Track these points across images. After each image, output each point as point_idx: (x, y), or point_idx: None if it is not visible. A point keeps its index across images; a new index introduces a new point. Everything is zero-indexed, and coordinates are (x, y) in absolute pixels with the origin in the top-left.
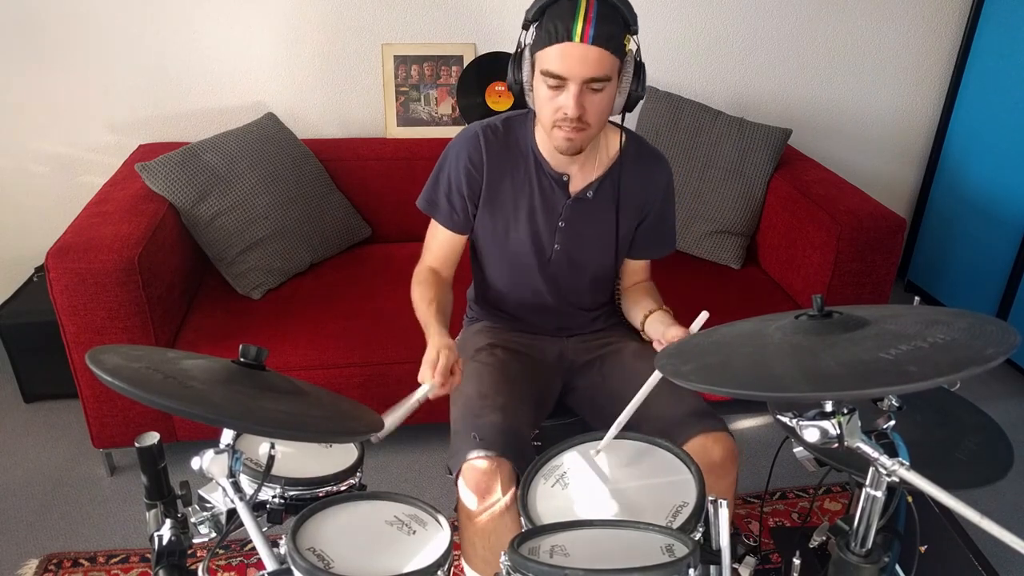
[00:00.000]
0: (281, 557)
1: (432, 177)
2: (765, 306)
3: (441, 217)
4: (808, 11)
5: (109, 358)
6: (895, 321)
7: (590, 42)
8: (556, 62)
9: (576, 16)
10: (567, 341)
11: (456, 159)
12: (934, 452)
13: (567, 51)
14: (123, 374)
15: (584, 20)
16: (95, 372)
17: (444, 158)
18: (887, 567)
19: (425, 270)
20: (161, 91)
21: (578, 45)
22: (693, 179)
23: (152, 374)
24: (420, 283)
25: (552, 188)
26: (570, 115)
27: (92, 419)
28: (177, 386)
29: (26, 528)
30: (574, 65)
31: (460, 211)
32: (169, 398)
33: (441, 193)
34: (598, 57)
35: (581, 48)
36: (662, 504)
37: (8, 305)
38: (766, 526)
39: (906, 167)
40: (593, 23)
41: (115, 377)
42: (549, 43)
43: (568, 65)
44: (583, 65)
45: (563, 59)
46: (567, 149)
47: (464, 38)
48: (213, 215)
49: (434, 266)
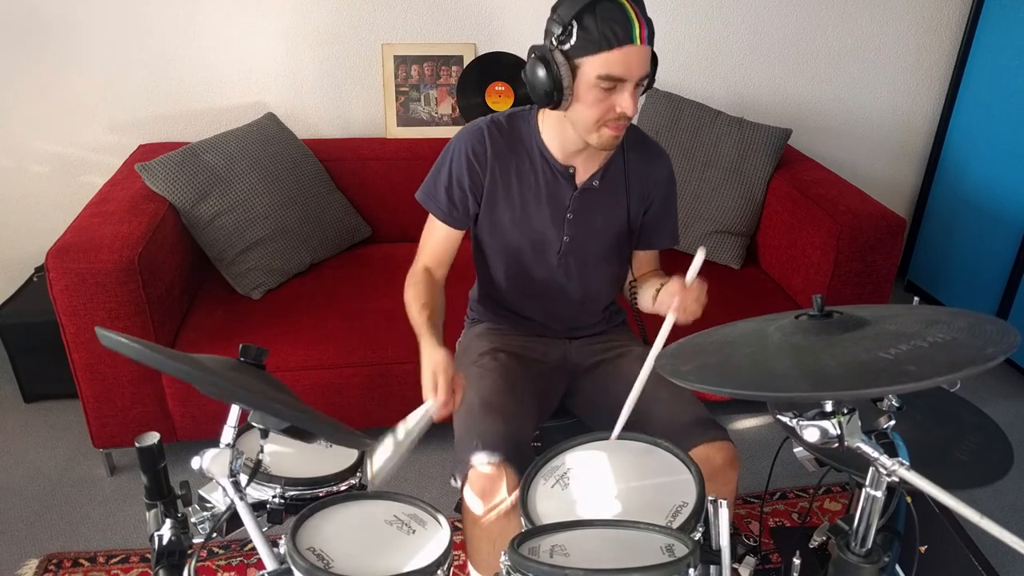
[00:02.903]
0: (281, 557)
1: (433, 170)
2: (765, 306)
3: (439, 211)
4: (808, 11)
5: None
6: (895, 321)
7: (647, 42)
8: (618, 66)
9: (630, 19)
10: (571, 344)
11: (459, 152)
12: (934, 452)
13: (630, 54)
14: (131, 348)
15: (639, 22)
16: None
17: (447, 151)
18: (887, 567)
19: (420, 271)
20: (161, 91)
21: (639, 48)
22: (693, 179)
23: (161, 349)
24: (414, 284)
25: (558, 181)
26: (630, 114)
27: (92, 419)
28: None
29: (26, 528)
30: (635, 66)
31: (459, 205)
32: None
33: (441, 186)
34: (649, 56)
35: (642, 50)
36: (662, 504)
37: (8, 305)
38: (766, 526)
39: (906, 167)
40: (645, 23)
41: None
42: (607, 47)
43: (630, 67)
44: (642, 65)
45: (626, 62)
46: (611, 145)
47: (464, 38)
48: (213, 215)
49: (429, 265)
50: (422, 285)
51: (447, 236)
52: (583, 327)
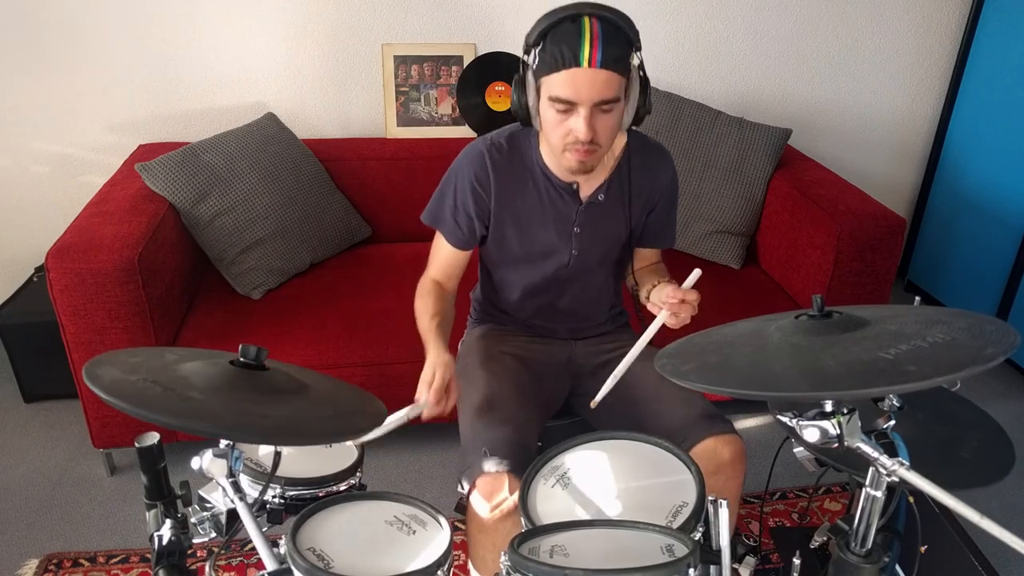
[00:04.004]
0: (281, 557)
1: (437, 194)
2: (765, 306)
3: (446, 233)
4: (808, 11)
5: (106, 371)
6: (895, 321)
7: (598, 66)
8: (565, 88)
9: (582, 40)
10: (575, 344)
11: (463, 179)
12: (935, 452)
13: (576, 76)
14: (121, 390)
15: (591, 44)
16: (93, 389)
17: (449, 177)
18: (887, 567)
19: (429, 282)
20: (161, 91)
21: (587, 70)
22: (693, 179)
23: (151, 387)
24: (424, 295)
25: (562, 197)
26: (582, 138)
27: (92, 419)
28: (176, 399)
29: (26, 528)
30: (583, 90)
31: (466, 229)
32: (168, 414)
33: (447, 210)
34: (606, 80)
35: (590, 73)
36: (662, 504)
37: (8, 305)
38: (766, 526)
39: (906, 167)
40: (600, 46)
41: (113, 395)
42: (556, 68)
43: (577, 90)
44: (592, 89)
45: (572, 84)
46: (579, 170)
47: (464, 38)
48: (213, 215)
49: (438, 279)
50: (432, 296)
51: (454, 255)
52: (586, 329)
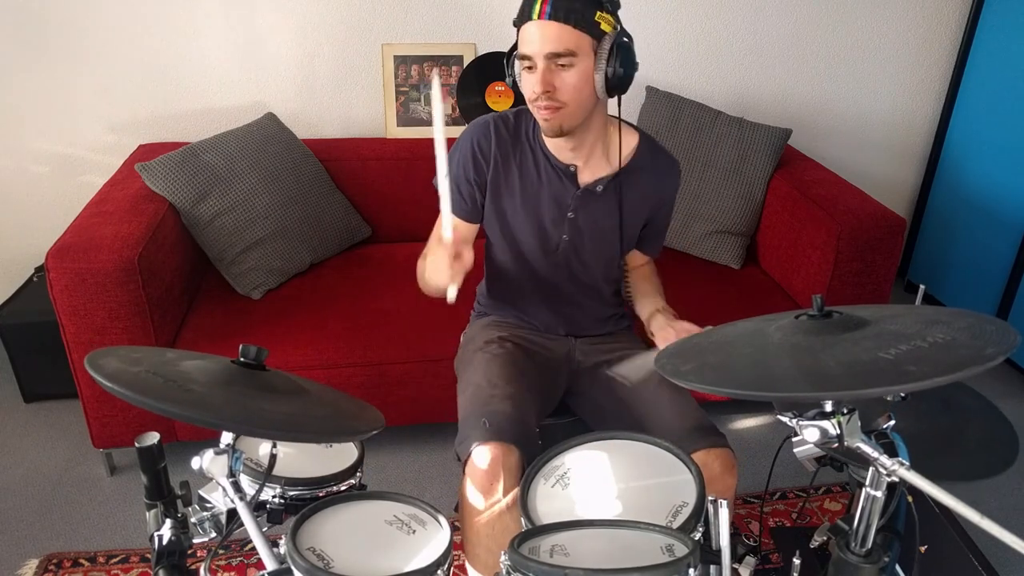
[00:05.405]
0: (281, 557)
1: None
2: (765, 306)
3: None
4: (808, 11)
5: (108, 362)
6: (895, 321)
7: (547, 17)
8: (523, 43)
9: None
10: (575, 342)
11: (465, 145)
12: (939, 441)
13: (529, 30)
14: (123, 379)
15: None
16: (94, 377)
17: (456, 145)
18: (887, 567)
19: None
20: (161, 91)
21: (537, 22)
22: (693, 179)
23: (152, 378)
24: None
25: (560, 179)
26: (537, 91)
27: (92, 419)
28: (177, 390)
29: (26, 528)
30: (535, 42)
31: (467, 198)
32: (170, 403)
33: (450, 178)
34: (557, 32)
35: (539, 24)
36: (662, 504)
37: (8, 305)
38: (766, 526)
39: (906, 167)
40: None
41: (115, 383)
42: (519, 25)
43: (531, 42)
44: (542, 41)
45: (526, 38)
46: (547, 129)
47: (464, 38)
48: (213, 215)
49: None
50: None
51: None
52: (585, 327)
